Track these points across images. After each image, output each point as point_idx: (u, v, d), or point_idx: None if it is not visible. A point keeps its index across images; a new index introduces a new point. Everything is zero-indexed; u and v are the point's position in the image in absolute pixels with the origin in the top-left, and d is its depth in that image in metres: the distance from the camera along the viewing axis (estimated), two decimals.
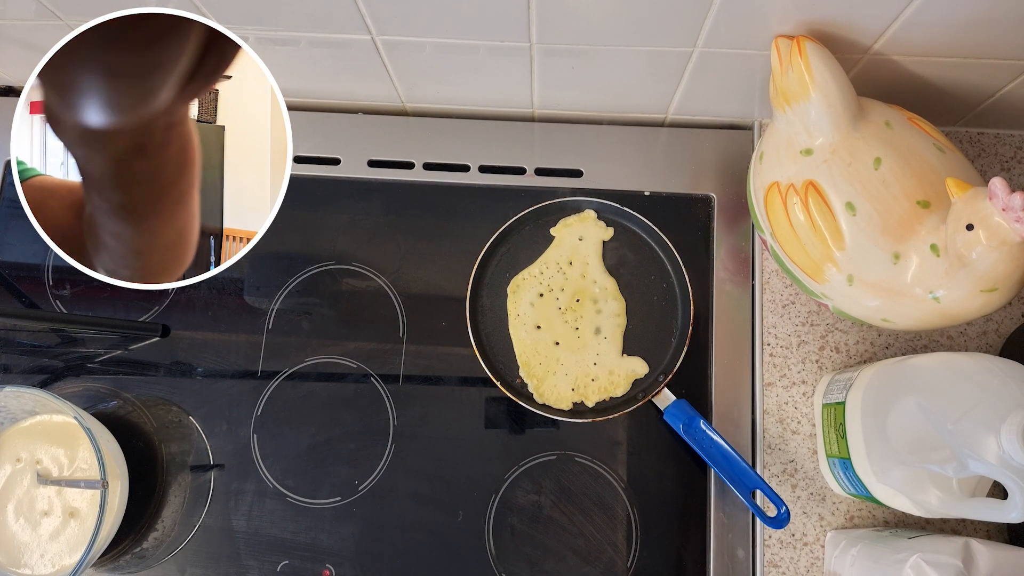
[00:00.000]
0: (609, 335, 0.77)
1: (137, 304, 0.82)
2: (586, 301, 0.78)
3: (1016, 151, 0.84)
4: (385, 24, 0.70)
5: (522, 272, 0.79)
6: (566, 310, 0.77)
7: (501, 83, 0.81)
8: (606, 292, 0.78)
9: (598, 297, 0.78)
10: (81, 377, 0.80)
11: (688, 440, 0.73)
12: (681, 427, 0.73)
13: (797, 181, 0.65)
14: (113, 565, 0.75)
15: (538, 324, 0.77)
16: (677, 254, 0.78)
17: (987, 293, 0.57)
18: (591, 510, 0.75)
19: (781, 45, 0.65)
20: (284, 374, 0.79)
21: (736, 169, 0.83)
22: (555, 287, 0.78)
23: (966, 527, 0.73)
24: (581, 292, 0.78)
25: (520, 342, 0.77)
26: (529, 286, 0.78)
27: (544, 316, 0.77)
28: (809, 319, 0.79)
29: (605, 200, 0.80)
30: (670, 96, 0.81)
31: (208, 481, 0.77)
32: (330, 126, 0.87)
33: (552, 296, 0.78)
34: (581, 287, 0.78)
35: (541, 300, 0.78)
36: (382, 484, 0.76)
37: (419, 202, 0.84)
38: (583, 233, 0.80)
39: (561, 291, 0.78)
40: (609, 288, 0.78)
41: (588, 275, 0.79)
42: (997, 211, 0.53)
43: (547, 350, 0.76)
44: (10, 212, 0.85)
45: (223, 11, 0.69)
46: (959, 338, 0.78)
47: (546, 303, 0.78)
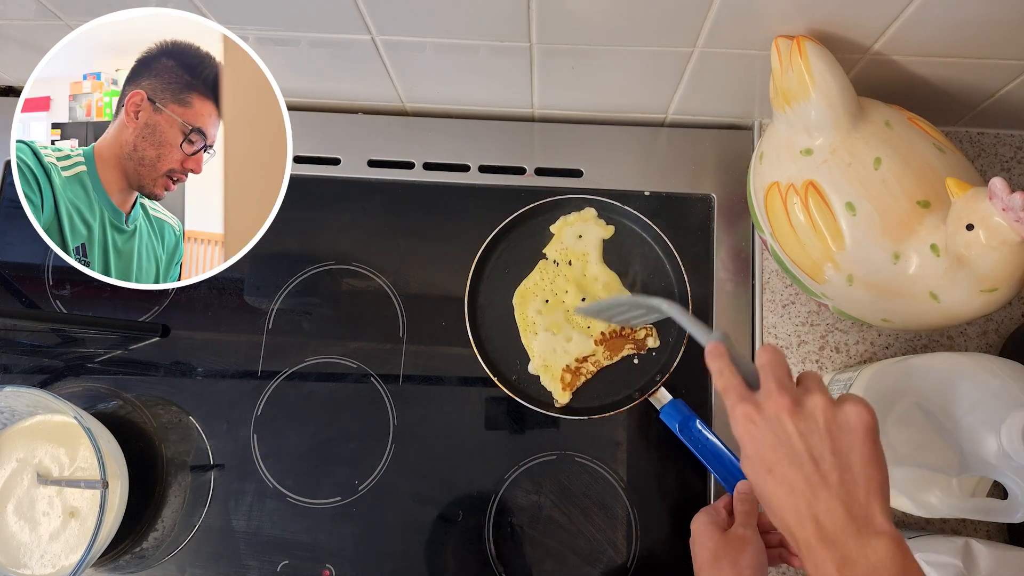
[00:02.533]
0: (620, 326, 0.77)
1: (137, 304, 0.82)
2: (592, 299, 0.78)
3: (1016, 151, 0.84)
4: (385, 24, 0.70)
5: (524, 281, 0.79)
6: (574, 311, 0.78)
7: (501, 83, 0.81)
8: (609, 287, 0.78)
9: (602, 294, 0.78)
10: (81, 377, 0.80)
11: (683, 439, 0.73)
12: (677, 426, 0.73)
13: (797, 181, 0.65)
14: (113, 565, 0.75)
15: (549, 329, 0.77)
16: (676, 253, 0.78)
17: (987, 293, 0.57)
18: (591, 510, 0.75)
19: (781, 45, 0.65)
20: (284, 374, 0.79)
21: (736, 169, 0.83)
22: (558, 291, 0.78)
23: (966, 527, 0.73)
24: (585, 291, 0.78)
25: (534, 351, 0.77)
26: (533, 294, 0.78)
27: (553, 321, 0.77)
28: (809, 319, 0.79)
29: (604, 198, 0.80)
30: (670, 96, 0.81)
31: (208, 481, 0.77)
32: (330, 126, 0.87)
33: (558, 300, 0.78)
34: (583, 285, 0.78)
35: (547, 306, 0.78)
36: (382, 484, 0.76)
37: (419, 202, 0.84)
38: (583, 231, 0.80)
39: (565, 293, 0.78)
40: (612, 283, 0.78)
41: (589, 272, 0.79)
42: (997, 211, 0.52)
43: (563, 353, 0.76)
44: (10, 212, 0.85)
45: (223, 11, 0.69)
46: (959, 338, 0.78)
47: (552, 308, 0.78)
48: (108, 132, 0.66)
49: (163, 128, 0.65)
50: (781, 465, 0.48)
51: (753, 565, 0.59)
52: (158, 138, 0.66)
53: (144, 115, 0.65)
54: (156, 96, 0.65)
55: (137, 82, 0.65)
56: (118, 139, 0.66)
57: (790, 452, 0.48)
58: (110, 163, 0.66)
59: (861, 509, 0.45)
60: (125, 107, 0.65)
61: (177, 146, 0.66)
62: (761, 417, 0.49)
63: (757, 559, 0.60)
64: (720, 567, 0.59)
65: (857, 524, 0.45)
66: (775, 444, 0.48)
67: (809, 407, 0.48)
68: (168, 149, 0.66)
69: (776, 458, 0.48)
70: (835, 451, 0.47)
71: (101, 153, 0.66)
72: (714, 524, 0.63)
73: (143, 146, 0.66)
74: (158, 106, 0.65)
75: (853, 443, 0.47)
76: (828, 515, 0.45)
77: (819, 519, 0.46)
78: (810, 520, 0.46)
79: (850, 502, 0.46)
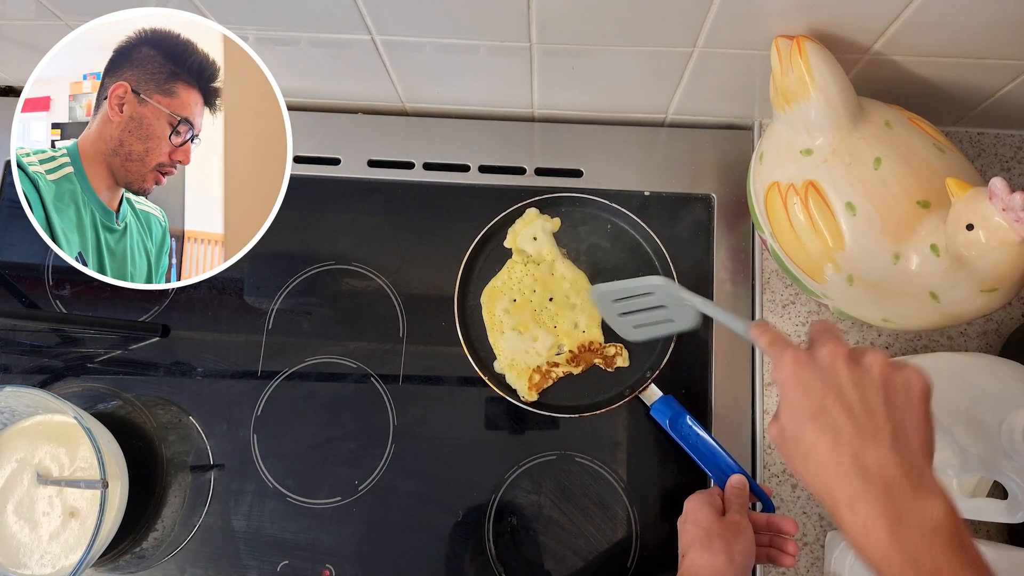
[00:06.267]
0: (587, 328, 0.77)
1: (137, 304, 0.82)
2: (559, 298, 0.78)
3: (1016, 151, 0.84)
4: (385, 24, 0.70)
5: (492, 280, 0.79)
6: (541, 310, 0.77)
7: (501, 83, 0.81)
8: (577, 285, 0.78)
9: (570, 292, 0.78)
10: (81, 377, 0.80)
11: (674, 435, 0.73)
12: (667, 422, 0.73)
13: (797, 181, 0.65)
14: (113, 565, 0.75)
15: (516, 328, 0.77)
16: (664, 249, 0.78)
17: (987, 293, 0.57)
18: (591, 510, 0.75)
19: (781, 45, 0.65)
20: (284, 374, 0.79)
21: (736, 169, 0.83)
22: (526, 290, 0.78)
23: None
24: (553, 290, 0.78)
25: (500, 350, 0.77)
26: (500, 293, 0.78)
27: (520, 320, 0.77)
28: (809, 319, 0.79)
29: (601, 198, 0.80)
30: (670, 96, 0.81)
31: (208, 481, 0.77)
32: (330, 126, 0.87)
33: (525, 299, 0.78)
34: (550, 285, 0.78)
35: (515, 305, 0.78)
36: (382, 484, 0.76)
37: (419, 202, 0.84)
38: (533, 232, 0.80)
39: (533, 292, 0.78)
40: (580, 282, 0.78)
41: (556, 271, 0.79)
42: (997, 211, 0.52)
43: (530, 354, 0.76)
44: (10, 212, 0.85)
45: (223, 11, 0.69)
46: (959, 338, 0.78)
47: (520, 308, 0.78)
48: (90, 128, 0.63)
49: (149, 120, 0.63)
50: (829, 411, 0.44)
51: (744, 552, 0.59)
52: (145, 131, 0.63)
53: (129, 108, 0.63)
54: (140, 87, 0.63)
55: (118, 73, 0.63)
56: (102, 134, 0.63)
57: (840, 398, 0.44)
58: (95, 160, 0.64)
59: (916, 467, 0.42)
60: (108, 100, 0.63)
61: (165, 138, 0.63)
62: (811, 361, 0.46)
63: (748, 547, 0.59)
64: (712, 547, 0.59)
65: (912, 481, 0.41)
66: (824, 389, 0.44)
67: (867, 361, 0.45)
68: (156, 142, 0.64)
69: (823, 403, 0.44)
70: (889, 406, 0.43)
71: (85, 150, 0.64)
72: (711, 505, 0.63)
73: (129, 140, 0.64)
74: (143, 97, 0.63)
75: (908, 403, 0.44)
76: (880, 469, 0.41)
77: (868, 472, 0.41)
78: (857, 474, 0.42)
79: (904, 457, 0.42)
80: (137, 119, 0.63)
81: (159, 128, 0.64)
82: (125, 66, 0.63)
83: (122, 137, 0.64)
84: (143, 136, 0.64)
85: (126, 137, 0.64)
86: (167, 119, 0.63)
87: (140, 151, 0.64)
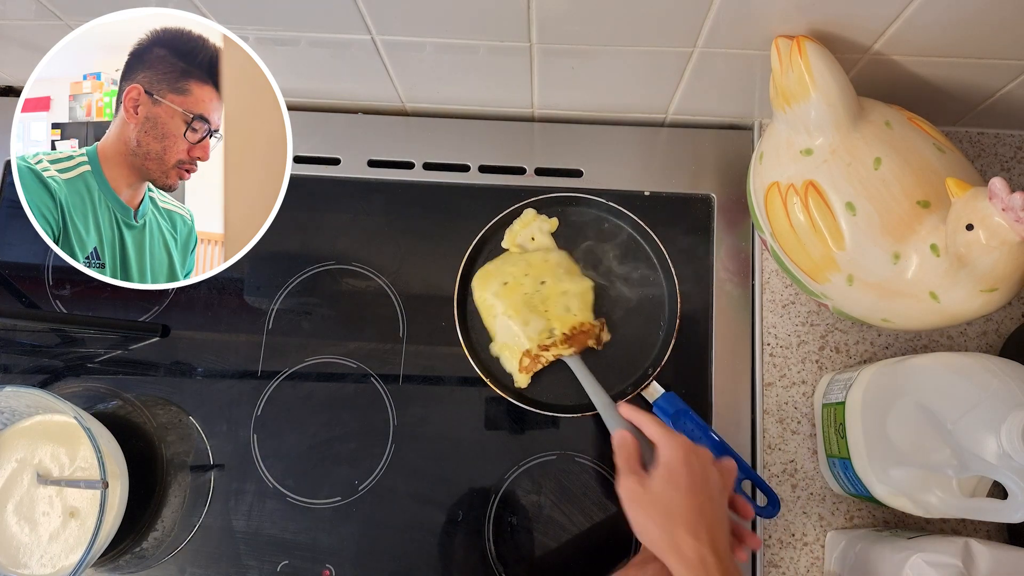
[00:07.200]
0: (579, 311, 0.76)
1: (137, 304, 0.82)
2: (551, 282, 0.77)
3: (1016, 151, 0.84)
4: (385, 24, 0.70)
5: (485, 265, 0.79)
6: (533, 294, 0.77)
7: (501, 83, 0.81)
8: (570, 271, 0.78)
9: (563, 277, 0.77)
10: (81, 377, 0.80)
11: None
12: (670, 420, 0.73)
13: (797, 181, 0.65)
14: (113, 565, 0.75)
15: (506, 313, 0.76)
16: (663, 248, 0.78)
17: (987, 293, 0.57)
18: (591, 510, 0.75)
19: (781, 45, 0.65)
20: (284, 374, 0.79)
21: (736, 169, 0.83)
22: (518, 273, 0.78)
23: (966, 527, 0.73)
24: (545, 274, 0.77)
25: (495, 331, 0.77)
26: (492, 277, 0.78)
27: (511, 304, 0.76)
28: (809, 319, 0.79)
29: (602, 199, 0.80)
30: (670, 96, 0.81)
31: (208, 481, 0.77)
32: (330, 126, 0.87)
33: (517, 283, 0.77)
34: (543, 269, 0.78)
35: (505, 288, 0.77)
36: (382, 484, 0.76)
37: (419, 202, 0.84)
38: (532, 233, 0.80)
39: (525, 276, 0.77)
40: (574, 269, 0.78)
41: (551, 259, 0.79)
42: (997, 211, 0.52)
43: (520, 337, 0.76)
44: (10, 212, 0.85)
45: (223, 11, 0.69)
46: (959, 338, 0.78)
47: (511, 291, 0.77)
48: (110, 131, 0.65)
49: (164, 120, 0.65)
50: None
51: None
52: (160, 130, 0.65)
53: (143, 109, 0.64)
54: (153, 88, 0.64)
55: (133, 77, 0.64)
56: (121, 136, 0.65)
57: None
58: (115, 161, 0.65)
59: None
60: (124, 104, 0.64)
61: (181, 136, 0.65)
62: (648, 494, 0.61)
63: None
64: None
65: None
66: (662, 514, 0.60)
67: None
68: (172, 140, 0.65)
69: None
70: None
71: (105, 152, 0.65)
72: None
73: (146, 140, 0.65)
74: (156, 98, 0.64)
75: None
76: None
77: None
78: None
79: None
80: (152, 119, 0.65)
81: (174, 127, 0.65)
82: (139, 68, 0.64)
83: (139, 138, 0.65)
84: (159, 135, 0.65)
85: (143, 137, 0.65)
86: (181, 117, 0.65)
87: (158, 150, 0.65)
